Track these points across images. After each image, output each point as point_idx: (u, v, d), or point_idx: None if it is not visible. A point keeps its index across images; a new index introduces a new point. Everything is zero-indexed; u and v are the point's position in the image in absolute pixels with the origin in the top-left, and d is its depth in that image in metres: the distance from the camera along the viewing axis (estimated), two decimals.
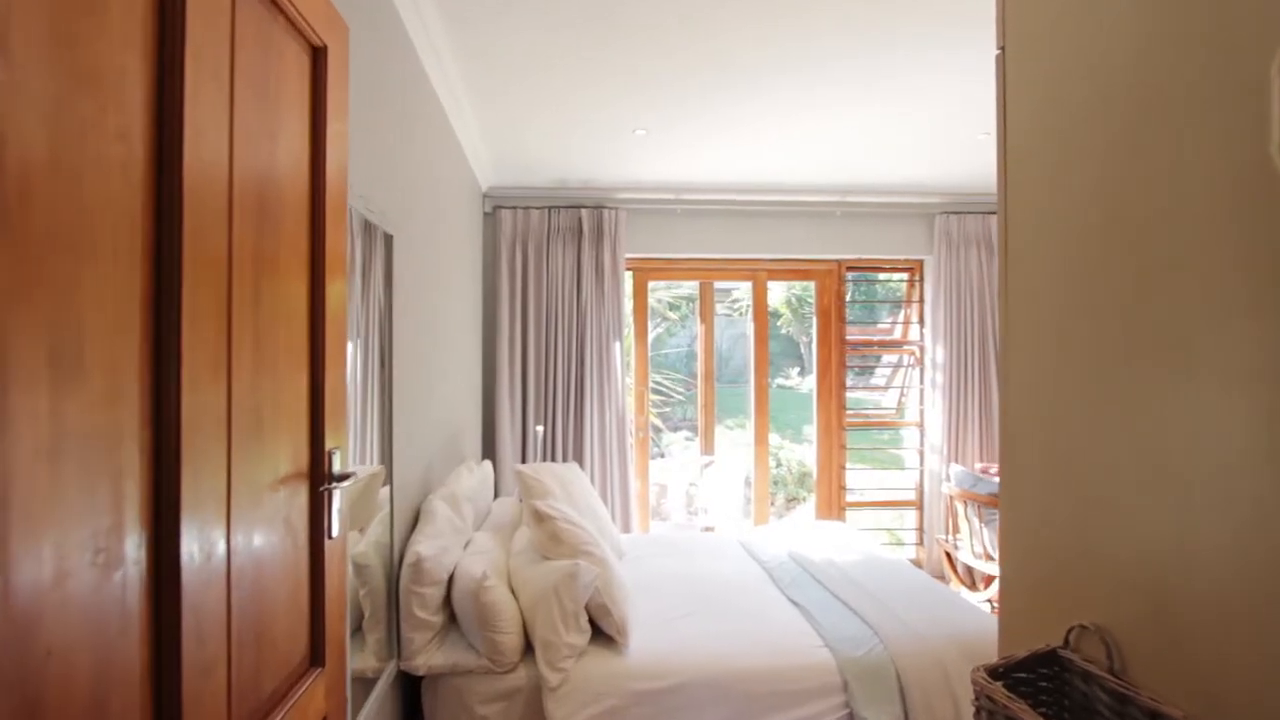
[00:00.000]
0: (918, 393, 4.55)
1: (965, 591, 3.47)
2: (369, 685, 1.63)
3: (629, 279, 4.35)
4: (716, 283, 4.54)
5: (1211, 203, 0.59)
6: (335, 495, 0.98)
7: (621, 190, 4.13)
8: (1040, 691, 0.78)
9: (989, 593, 3.09)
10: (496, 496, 3.70)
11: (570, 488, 2.74)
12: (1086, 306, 0.74)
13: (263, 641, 0.82)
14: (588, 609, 1.91)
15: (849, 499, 4.50)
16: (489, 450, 3.97)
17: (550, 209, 4.02)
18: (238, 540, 0.75)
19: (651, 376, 4.87)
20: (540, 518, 2.02)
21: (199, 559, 0.67)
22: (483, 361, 4.01)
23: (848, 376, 4.54)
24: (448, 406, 2.70)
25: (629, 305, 4.38)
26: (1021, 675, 0.78)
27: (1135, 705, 0.63)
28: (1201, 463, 0.59)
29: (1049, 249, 0.79)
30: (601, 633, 1.96)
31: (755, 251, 4.32)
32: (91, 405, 0.54)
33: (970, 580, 3.65)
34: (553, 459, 3.96)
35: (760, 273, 4.49)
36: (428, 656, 1.81)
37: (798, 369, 12.14)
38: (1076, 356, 0.75)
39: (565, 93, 2.73)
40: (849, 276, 4.54)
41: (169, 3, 0.63)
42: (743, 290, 10.51)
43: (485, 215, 4.08)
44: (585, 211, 4.02)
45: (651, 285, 4.62)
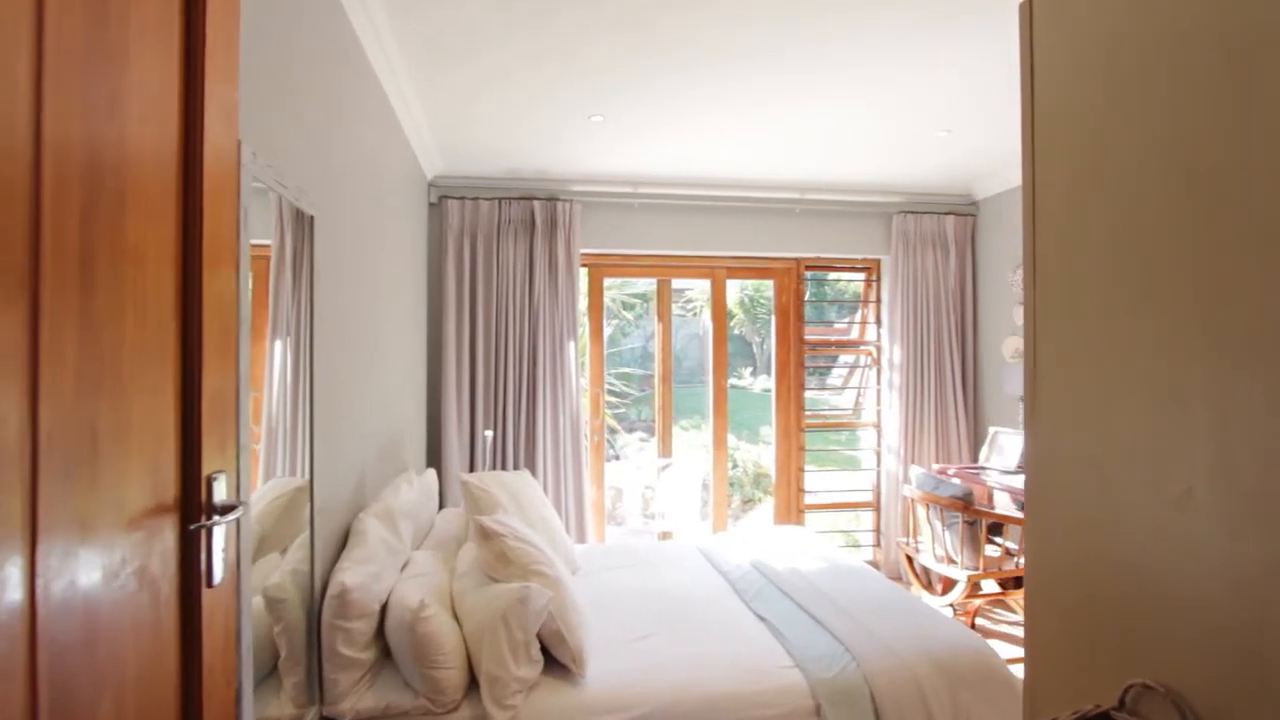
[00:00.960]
0: (874, 393, 4.53)
1: (926, 595, 3.44)
2: None
3: (584, 275, 4.17)
4: (672, 281, 4.40)
5: None
6: (216, 532, 0.77)
7: (576, 182, 3.94)
8: None
9: (950, 596, 3.05)
10: (443, 508, 3.46)
11: (521, 498, 2.54)
12: (1145, 297, 0.61)
13: None
14: (540, 636, 1.72)
15: (807, 501, 4.44)
16: (434, 458, 3.72)
17: (501, 200, 3.80)
18: (50, 603, 0.55)
19: (606, 377, 4.70)
20: (487, 535, 1.82)
21: None
22: (427, 362, 3.75)
23: (805, 377, 4.48)
24: (385, 412, 2.46)
25: (584, 303, 4.20)
26: None
27: None
28: None
29: (1093, 229, 0.66)
30: (555, 662, 1.78)
31: (714, 249, 4.20)
32: None
33: (927, 581, 3.62)
34: (503, 466, 3.74)
35: (719, 270, 4.38)
36: (356, 699, 1.59)
37: (750, 369, 12.19)
38: (1132, 355, 0.62)
39: (516, 74, 2.53)
40: (807, 276, 4.48)
41: None
42: (696, 290, 10.45)
43: (430, 205, 3.82)
44: (538, 203, 3.81)
45: (607, 282, 4.46)
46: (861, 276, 4.57)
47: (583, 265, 4.11)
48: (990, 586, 3.12)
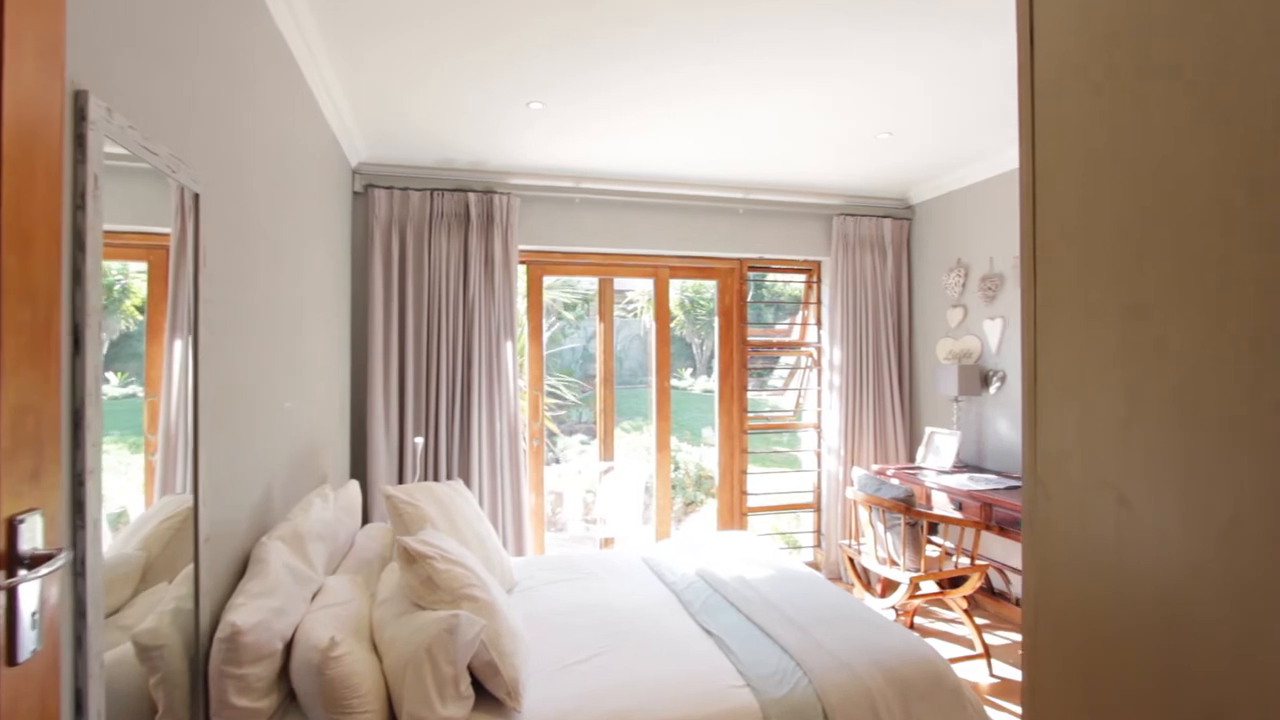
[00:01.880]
0: (815, 394, 4.55)
1: (869, 598, 3.45)
2: None
3: (522, 273, 3.98)
4: (616, 279, 4.28)
5: None
6: (23, 592, 0.59)
7: (515, 174, 3.75)
8: None
9: (893, 599, 3.06)
10: (369, 522, 3.20)
11: (452, 511, 2.35)
12: (1179, 292, 0.53)
13: None
14: (471, 669, 1.56)
15: (750, 503, 4.41)
16: (359, 468, 3.45)
17: (433, 191, 3.57)
18: None
19: (546, 379, 4.52)
20: (412, 558, 1.63)
21: None
22: (352, 364, 3.47)
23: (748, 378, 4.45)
24: (299, 418, 2.22)
25: (523, 303, 4.01)
26: None
27: None
28: None
29: (1111, 213, 0.58)
30: (488, 695, 1.61)
31: (658, 247, 4.10)
32: None
33: (867, 581, 3.64)
34: (436, 475, 3.51)
35: (663, 270, 4.29)
36: None
37: (690, 369, 12.23)
38: (1161, 361, 0.54)
39: (447, 54, 2.34)
40: (749, 276, 4.45)
41: None
42: (637, 291, 10.38)
43: (355, 194, 3.55)
44: (473, 196, 3.60)
45: (547, 282, 4.28)
46: (803, 278, 4.59)
47: (521, 262, 3.93)
48: (929, 585, 3.15)
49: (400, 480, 3.44)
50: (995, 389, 3.72)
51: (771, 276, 4.80)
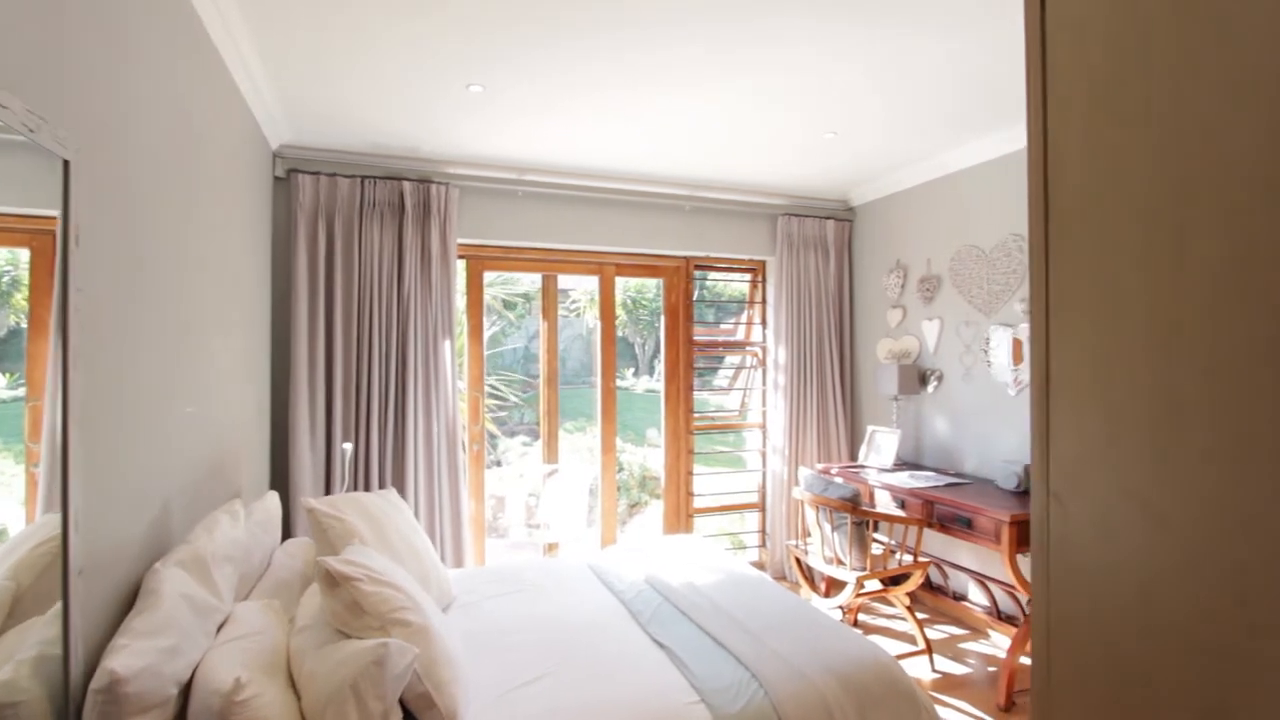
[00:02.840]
0: (759, 394, 4.55)
1: (815, 598, 3.46)
2: None
3: (462, 268, 3.79)
4: (558, 276, 4.14)
5: None
6: None
7: (454, 164, 3.56)
8: None
9: (840, 599, 3.07)
10: (291, 537, 2.95)
11: (383, 523, 2.17)
12: (1243, 278, 0.47)
13: None
14: (403, 702, 1.41)
15: (696, 505, 4.36)
16: (280, 479, 3.18)
17: (364, 179, 3.33)
18: None
19: (487, 379, 4.34)
20: (335, 580, 1.46)
21: None
22: (273, 363, 3.20)
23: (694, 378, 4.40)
24: (204, 425, 1.98)
25: (462, 299, 3.82)
26: None
27: None
28: None
29: (1144, 185, 0.51)
30: None
31: (603, 244, 4.00)
32: None
33: (811, 580, 3.66)
34: (367, 484, 3.28)
35: (608, 267, 4.18)
36: None
37: (632, 369, 12.17)
38: (1213, 361, 0.48)
39: (377, 27, 2.15)
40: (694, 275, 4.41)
41: None
42: (580, 290, 10.22)
43: (277, 179, 3.27)
44: (409, 185, 3.39)
45: (489, 279, 4.10)
46: (748, 278, 4.58)
47: (460, 257, 3.73)
48: (873, 583, 3.18)
49: (328, 491, 3.20)
50: (933, 388, 3.81)
51: (713, 276, 4.77)
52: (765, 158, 3.58)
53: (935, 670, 3.00)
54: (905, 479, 3.39)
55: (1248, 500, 0.44)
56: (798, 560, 3.51)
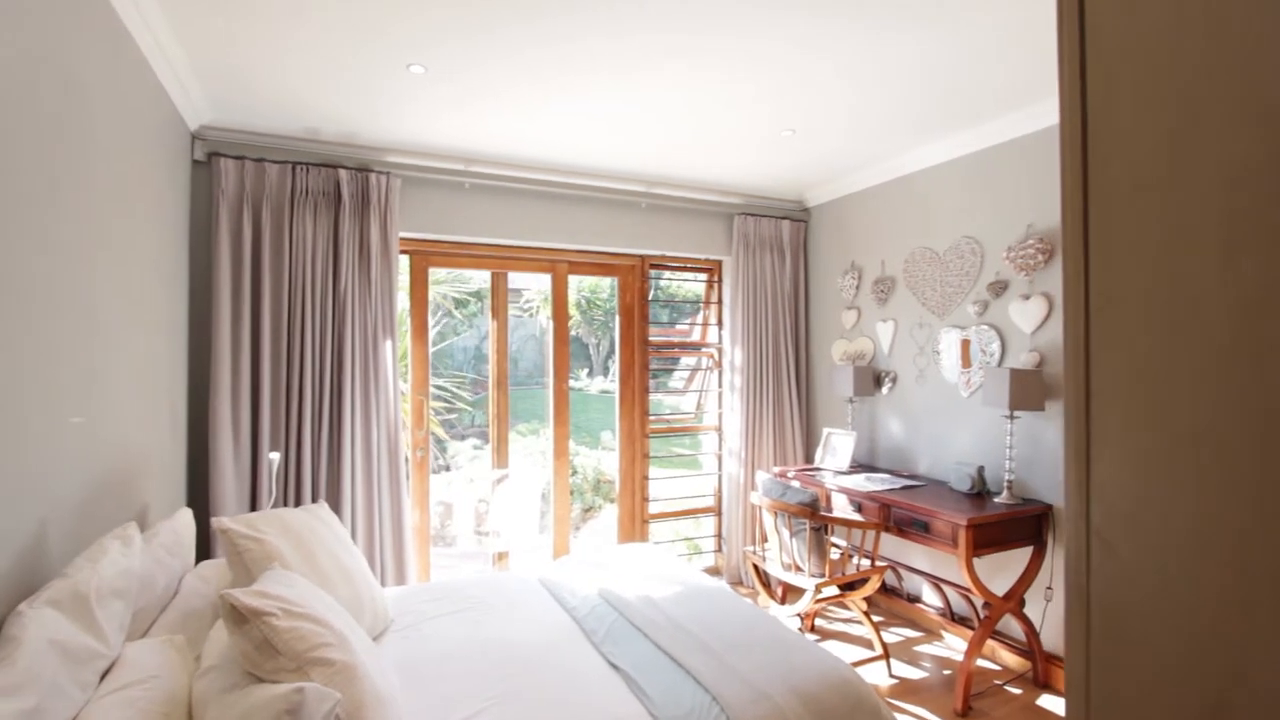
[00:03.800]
0: (716, 396, 4.48)
1: (774, 606, 3.39)
2: None
3: (405, 264, 3.57)
4: (510, 275, 3.96)
5: None
6: None
7: (395, 151, 3.34)
8: None
9: (798, 606, 3.01)
10: (210, 558, 2.69)
11: (310, 542, 1.97)
12: None
13: None
14: None
15: (652, 509, 4.26)
16: (199, 494, 2.90)
17: (296, 165, 3.08)
18: None
19: (432, 381, 4.12)
20: (242, 617, 1.28)
21: None
22: (190, 365, 2.92)
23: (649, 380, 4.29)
24: (96, 437, 1.75)
25: (405, 298, 3.60)
26: None
27: None
28: None
29: (1221, 153, 0.42)
30: None
31: (556, 240, 3.84)
32: None
33: (768, 586, 3.60)
34: (299, 497, 3.03)
35: (561, 265, 4.03)
36: None
37: (586, 370, 12.01)
38: None
39: None
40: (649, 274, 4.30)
41: None
42: (534, 290, 9.98)
43: (196, 163, 2.99)
44: (345, 173, 3.16)
45: (437, 276, 3.89)
46: (704, 278, 4.50)
47: (403, 252, 3.52)
48: (831, 589, 3.14)
49: (254, 506, 2.94)
50: (888, 389, 3.81)
51: (669, 276, 4.68)
52: (724, 154, 3.49)
53: (893, 675, 2.97)
54: (862, 482, 3.37)
55: None
56: (755, 566, 3.44)
